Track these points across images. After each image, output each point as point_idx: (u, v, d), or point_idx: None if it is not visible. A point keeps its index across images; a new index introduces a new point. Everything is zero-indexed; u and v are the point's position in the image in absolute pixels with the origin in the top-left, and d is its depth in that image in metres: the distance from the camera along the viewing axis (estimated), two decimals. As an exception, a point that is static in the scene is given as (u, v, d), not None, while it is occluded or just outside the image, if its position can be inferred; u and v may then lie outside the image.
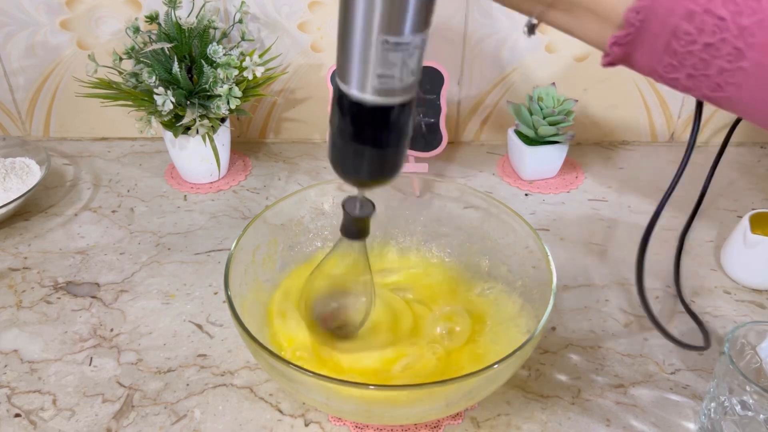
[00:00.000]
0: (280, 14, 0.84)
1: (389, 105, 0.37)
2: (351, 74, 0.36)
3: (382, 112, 0.37)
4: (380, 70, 0.35)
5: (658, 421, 0.53)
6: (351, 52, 0.35)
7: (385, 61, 0.34)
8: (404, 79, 0.36)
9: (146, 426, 0.52)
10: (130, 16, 0.83)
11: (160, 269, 0.70)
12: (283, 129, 0.95)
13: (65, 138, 0.95)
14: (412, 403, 0.45)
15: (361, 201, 0.46)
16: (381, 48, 0.34)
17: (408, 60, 0.35)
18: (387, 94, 0.36)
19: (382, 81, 0.35)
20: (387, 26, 0.33)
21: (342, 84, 0.37)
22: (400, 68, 0.35)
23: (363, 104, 0.36)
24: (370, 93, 0.36)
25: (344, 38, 0.35)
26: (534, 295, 0.53)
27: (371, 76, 0.35)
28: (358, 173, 0.41)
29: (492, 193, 0.83)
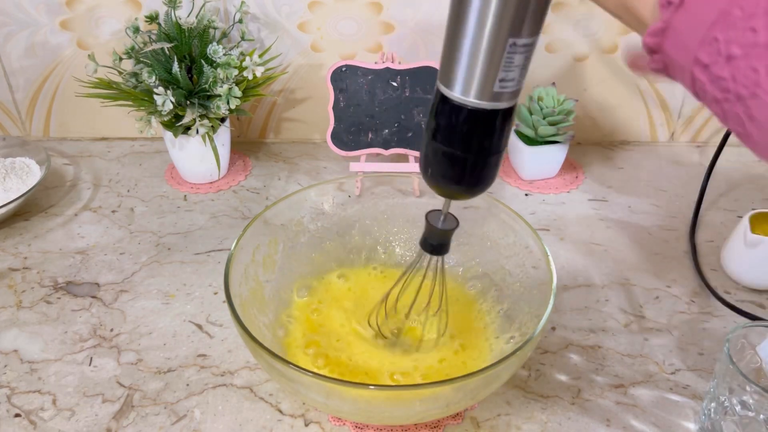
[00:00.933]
0: (280, 14, 0.84)
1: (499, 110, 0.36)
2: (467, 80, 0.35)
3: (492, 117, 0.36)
4: (503, 74, 0.34)
5: (658, 421, 0.53)
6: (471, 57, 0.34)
7: (510, 64, 0.34)
8: (520, 82, 0.35)
9: (146, 426, 0.52)
10: (130, 16, 0.83)
11: (160, 269, 0.70)
12: (283, 129, 0.95)
13: (65, 138, 0.95)
14: (412, 403, 0.45)
15: (446, 215, 0.45)
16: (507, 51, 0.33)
17: (526, 62, 0.34)
18: (500, 99, 0.35)
19: (502, 85, 0.34)
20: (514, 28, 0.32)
21: (452, 92, 0.36)
22: (520, 70, 0.34)
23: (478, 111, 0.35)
24: (484, 99, 0.35)
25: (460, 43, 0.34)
26: (534, 295, 0.53)
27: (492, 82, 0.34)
28: (455, 183, 0.40)
29: (492, 193, 0.83)
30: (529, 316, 0.53)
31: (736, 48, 0.27)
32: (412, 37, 0.85)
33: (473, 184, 0.40)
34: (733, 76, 0.27)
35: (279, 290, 0.59)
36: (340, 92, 0.79)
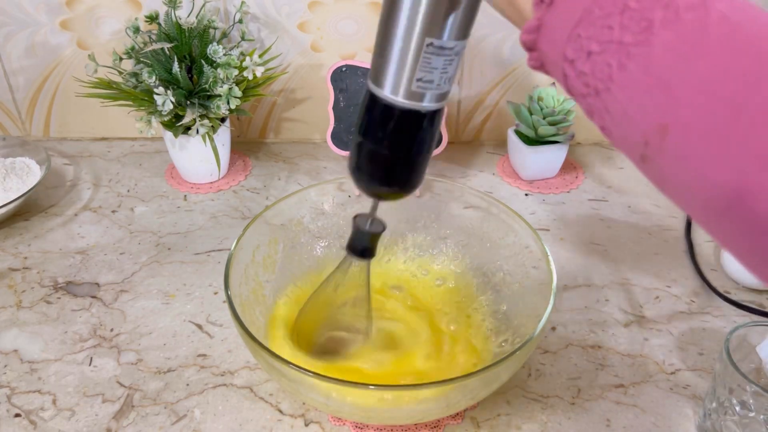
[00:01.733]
0: (280, 14, 0.84)
1: (421, 111, 0.36)
2: (387, 77, 0.35)
3: (413, 117, 0.36)
4: (420, 74, 0.34)
5: (658, 421, 0.53)
6: (391, 54, 0.34)
7: (427, 64, 0.34)
8: (441, 86, 0.35)
9: (146, 426, 0.52)
10: (130, 16, 0.83)
11: (160, 269, 0.70)
12: (283, 129, 0.95)
13: (65, 138, 0.95)
14: (412, 403, 0.45)
15: (373, 218, 0.45)
16: (424, 51, 0.33)
17: (448, 66, 0.35)
18: (421, 99, 0.35)
19: (420, 85, 0.35)
20: (433, 29, 0.33)
21: (374, 86, 0.36)
22: (440, 74, 0.35)
23: (394, 108, 0.36)
24: (402, 96, 0.35)
25: (385, 40, 0.34)
26: (534, 295, 0.53)
27: (409, 80, 0.34)
28: (380, 182, 0.40)
29: (492, 193, 0.83)
30: (529, 316, 0.53)
31: (595, 44, 0.29)
32: (412, 37, 0.85)
33: (394, 183, 0.40)
34: (592, 71, 0.29)
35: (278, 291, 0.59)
36: (340, 92, 0.79)
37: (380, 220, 0.45)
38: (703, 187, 0.26)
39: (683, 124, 0.26)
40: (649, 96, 0.27)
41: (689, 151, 0.26)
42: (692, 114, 0.25)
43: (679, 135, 0.26)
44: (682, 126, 0.26)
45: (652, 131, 0.27)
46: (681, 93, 0.26)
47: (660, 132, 0.27)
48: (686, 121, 0.26)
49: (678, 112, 0.26)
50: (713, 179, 0.25)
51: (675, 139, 0.26)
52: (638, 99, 0.27)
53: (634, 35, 0.27)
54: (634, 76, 0.27)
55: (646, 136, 0.27)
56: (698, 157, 0.25)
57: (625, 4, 0.28)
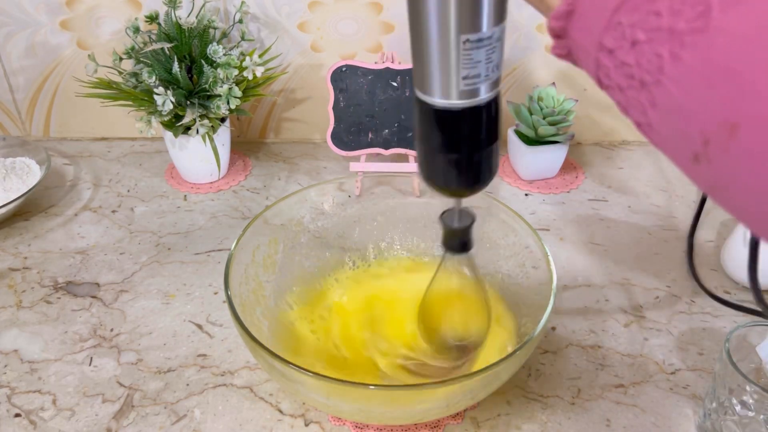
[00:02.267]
0: (280, 14, 0.84)
1: (478, 105, 0.35)
2: (433, 82, 0.34)
3: (473, 114, 0.35)
4: (465, 72, 0.33)
5: (658, 421, 0.53)
6: (430, 59, 0.33)
7: (469, 61, 0.33)
8: (490, 76, 0.34)
9: (146, 426, 0.52)
10: (130, 16, 0.83)
11: (160, 269, 0.70)
12: (283, 129, 0.95)
13: (65, 138, 0.95)
14: (412, 403, 0.45)
15: (460, 211, 0.44)
16: (463, 48, 0.32)
17: (492, 55, 0.33)
18: (474, 95, 0.35)
19: (468, 82, 0.34)
20: (465, 24, 0.32)
21: (423, 95, 0.35)
22: (485, 65, 0.34)
23: (451, 111, 0.35)
24: (456, 98, 0.34)
25: (420, 46, 0.33)
26: (534, 295, 0.53)
27: (456, 80, 0.34)
28: (456, 183, 0.39)
29: (492, 193, 0.83)
30: (529, 316, 0.53)
31: (641, 33, 0.26)
32: (412, 37, 0.85)
33: (471, 182, 0.39)
34: (637, 62, 0.26)
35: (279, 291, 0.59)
36: (340, 92, 0.79)
37: (468, 210, 0.45)
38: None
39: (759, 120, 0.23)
40: (711, 89, 0.24)
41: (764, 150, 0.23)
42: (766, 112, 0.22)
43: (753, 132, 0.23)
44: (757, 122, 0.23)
45: (715, 129, 0.24)
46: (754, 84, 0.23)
47: (727, 129, 0.24)
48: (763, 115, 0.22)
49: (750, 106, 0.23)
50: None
51: (747, 137, 0.23)
52: (698, 93, 0.24)
53: (689, 22, 0.24)
54: (692, 68, 0.24)
55: (707, 135, 0.24)
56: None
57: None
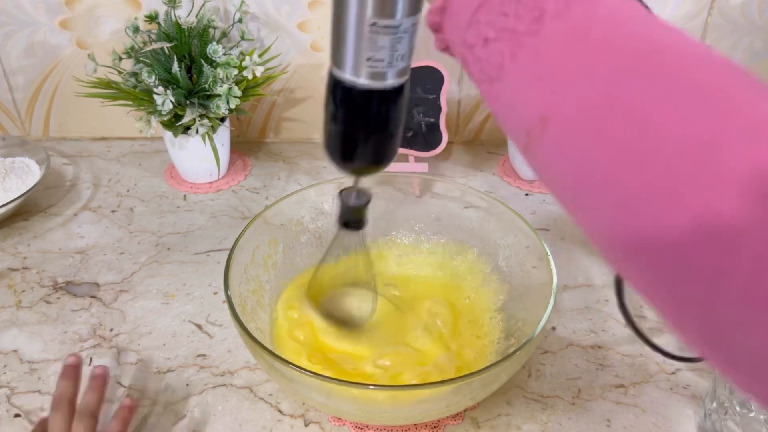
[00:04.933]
0: (280, 14, 0.84)
1: (381, 89, 0.36)
2: (343, 58, 0.36)
3: (375, 96, 0.37)
4: (369, 54, 0.35)
5: (658, 421, 0.53)
6: (342, 35, 0.35)
7: (374, 44, 0.34)
8: (394, 64, 0.36)
9: (146, 426, 0.52)
10: (129, 15, 0.83)
11: (159, 269, 0.69)
12: (283, 129, 0.94)
13: (65, 138, 0.95)
14: (412, 403, 0.45)
15: (358, 191, 0.46)
16: (369, 30, 0.34)
17: (397, 44, 0.35)
18: (378, 78, 0.36)
19: (371, 65, 0.35)
20: (376, 9, 0.33)
21: (335, 69, 0.37)
22: (389, 52, 0.35)
23: (354, 88, 0.36)
24: (362, 77, 0.36)
25: (336, 22, 0.35)
26: (534, 295, 0.53)
27: (362, 60, 0.35)
28: (352, 160, 0.40)
29: (492, 192, 0.83)
30: (529, 316, 0.53)
31: (491, 31, 0.28)
32: (412, 36, 0.85)
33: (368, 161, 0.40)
34: (487, 58, 0.29)
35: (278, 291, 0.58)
36: (340, 92, 0.79)
37: (365, 190, 0.46)
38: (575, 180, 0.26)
39: (562, 117, 0.26)
40: (533, 88, 0.27)
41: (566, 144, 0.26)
42: (570, 107, 0.25)
43: (558, 127, 0.26)
44: (561, 119, 0.26)
45: (533, 123, 0.27)
46: (561, 86, 0.26)
47: (541, 124, 0.26)
48: (565, 114, 0.25)
49: (557, 104, 0.26)
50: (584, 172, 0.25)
51: (554, 131, 0.26)
52: (524, 90, 0.27)
53: (527, 24, 0.27)
54: (523, 67, 0.27)
55: (528, 127, 0.27)
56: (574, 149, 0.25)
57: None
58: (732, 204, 0.20)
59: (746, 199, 0.20)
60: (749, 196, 0.20)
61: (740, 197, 0.20)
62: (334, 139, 0.40)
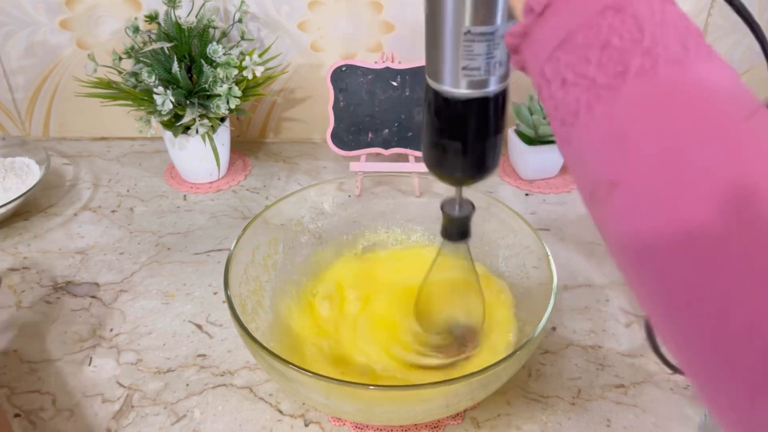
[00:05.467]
0: (280, 14, 0.84)
1: (481, 97, 0.36)
2: (440, 70, 0.36)
3: (478, 104, 0.36)
4: (465, 62, 0.34)
5: (658, 421, 0.53)
6: (437, 46, 0.35)
7: (469, 53, 0.34)
8: (491, 70, 0.35)
9: (146, 426, 0.52)
10: (129, 15, 0.83)
11: (159, 269, 0.69)
12: (283, 129, 0.94)
13: (65, 138, 0.95)
14: (412, 403, 0.45)
15: (460, 201, 0.45)
16: (463, 39, 0.34)
17: (494, 51, 0.34)
18: (479, 86, 0.36)
19: (467, 73, 0.35)
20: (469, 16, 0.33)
21: (432, 82, 0.37)
22: (485, 59, 0.34)
23: (455, 99, 0.36)
24: (461, 87, 0.36)
25: (429, 34, 0.35)
26: (534, 295, 0.53)
27: (457, 69, 0.35)
28: (458, 170, 0.40)
29: (492, 192, 0.83)
30: (530, 316, 0.53)
31: (570, 74, 0.27)
32: (412, 36, 0.85)
33: (472, 170, 0.40)
34: (563, 100, 0.28)
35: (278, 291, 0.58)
36: (340, 92, 0.79)
37: (468, 201, 0.46)
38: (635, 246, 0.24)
39: (630, 187, 0.24)
40: (605, 146, 0.26)
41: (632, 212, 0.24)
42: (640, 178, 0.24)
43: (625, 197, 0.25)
44: (629, 188, 0.24)
45: (600, 182, 0.26)
46: (633, 151, 0.24)
47: (608, 186, 0.25)
48: (634, 183, 0.24)
49: (627, 171, 0.24)
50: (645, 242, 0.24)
51: (620, 199, 0.25)
52: (594, 145, 0.26)
53: (608, 78, 0.26)
54: (597, 121, 0.26)
55: (595, 185, 0.26)
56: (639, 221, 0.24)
57: (607, 40, 0.26)
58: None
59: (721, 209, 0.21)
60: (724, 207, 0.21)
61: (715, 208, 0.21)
62: (437, 152, 0.40)
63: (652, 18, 0.26)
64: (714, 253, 0.21)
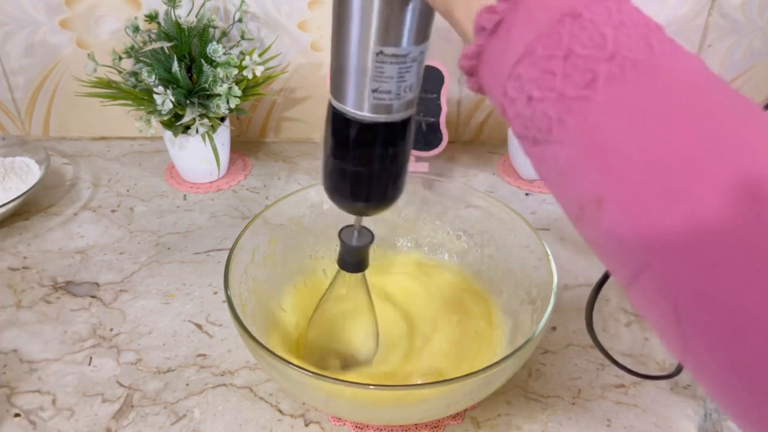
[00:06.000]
0: (280, 13, 0.84)
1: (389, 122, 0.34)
2: (345, 90, 0.33)
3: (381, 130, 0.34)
4: (375, 84, 0.32)
5: (658, 421, 0.53)
6: (344, 66, 0.32)
7: (380, 74, 0.32)
8: (402, 95, 0.33)
9: (146, 426, 0.52)
10: (129, 15, 0.83)
11: (159, 269, 0.69)
12: (283, 128, 0.94)
13: (65, 137, 0.95)
14: (412, 403, 0.45)
15: (359, 230, 0.43)
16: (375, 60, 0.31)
17: (405, 74, 0.32)
18: (384, 111, 0.33)
19: (377, 96, 0.32)
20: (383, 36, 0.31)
21: (336, 101, 0.34)
22: (397, 83, 0.32)
23: (358, 122, 0.33)
24: (367, 110, 0.33)
25: (337, 51, 0.32)
26: (534, 294, 0.53)
27: (367, 92, 0.32)
28: (357, 199, 0.38)
29: (492, 192, 0.83)
30: (530, 315, 0.53)
31: (536, 90, 0.25)
32: (412, 36, 0.85)
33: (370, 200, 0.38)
34: (531, 118, 0.26)
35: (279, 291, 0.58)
36: (340, 92, 0.79)
37: (367, 230, 0.43)
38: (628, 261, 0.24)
39: (620, 201, 0.23)
40: (586, 161, 0.24)
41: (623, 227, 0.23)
42: (629, 192, 0.23)
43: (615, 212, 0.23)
44: (618, 203, 0.23)
45: (587, 199, 0.24)
46: (616, 164, 0.23)
47: (596, 202, 0.24)
48: (623, 198, 0.23)
49: (615, 186, 0.23)
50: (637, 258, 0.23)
51: (610, 213, 0.23)
52: (574, 160, 0.25)
53: (577, 88, 0.24)
54: (574, 136, 0.24)
55: (581, 203, 0.25)
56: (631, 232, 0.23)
57: (569, 49, 0.24)
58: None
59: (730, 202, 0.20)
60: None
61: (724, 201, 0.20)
62: (336, 178, 0.37)
63: (611, 20, 0.24)
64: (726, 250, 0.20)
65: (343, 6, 0.31)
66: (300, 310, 0.58)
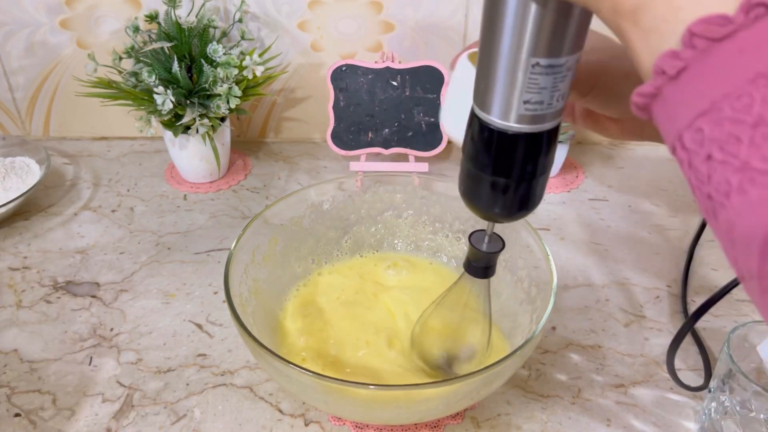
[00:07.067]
0: (280, 13, 0.84)
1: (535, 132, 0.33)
2: (493, 101, 0.33)
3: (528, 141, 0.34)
4: (528, 96, 0.32)
5: (658, 420, 0.53)
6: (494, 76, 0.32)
7: (535, 85, 0.31)
8: (554, 105, 0.32)
9: (146, 426, 0.52)
10: (129, 15, 0.83)
11: (159, 269, 0.69)
12: (283, 128, 0.94)
13: (65, 137, 0.95)
14: (412, 403, 0.45)
15: (491, 236, 0.43)
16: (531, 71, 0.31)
17: (559, 84, 0.32)
18: (533, 122, 0.33)
19: (529, 107, 0.32)
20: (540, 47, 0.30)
21: (481, 112, 0.34)
22: (551, 92, 0.32)
23: (505, 133, 0.33)
24: (513, 121, 0.33)
25: (486, 61, 0.32)
26: (534, 294, 0.53)
27: (517, 103, 0.32)
28: (496, 208, 0.38)
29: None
30: (530, 315, 0.53)
31: (717, 151, 0.23)
32: (412, 36, 0.85)
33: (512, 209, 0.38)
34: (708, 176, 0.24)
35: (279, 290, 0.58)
36: (341, 91, 0.79)
37: (498, 236, 0.43)
38: None
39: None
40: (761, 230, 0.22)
41: None
42: None
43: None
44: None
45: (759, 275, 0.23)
46: None
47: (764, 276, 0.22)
48: None
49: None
50: None
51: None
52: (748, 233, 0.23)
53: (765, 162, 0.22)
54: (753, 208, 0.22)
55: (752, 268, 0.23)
56: None
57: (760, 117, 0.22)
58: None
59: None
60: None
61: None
62: (473, 184, 0.37)
63: None
64: None
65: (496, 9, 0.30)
66: (300, 310, 0.58)
